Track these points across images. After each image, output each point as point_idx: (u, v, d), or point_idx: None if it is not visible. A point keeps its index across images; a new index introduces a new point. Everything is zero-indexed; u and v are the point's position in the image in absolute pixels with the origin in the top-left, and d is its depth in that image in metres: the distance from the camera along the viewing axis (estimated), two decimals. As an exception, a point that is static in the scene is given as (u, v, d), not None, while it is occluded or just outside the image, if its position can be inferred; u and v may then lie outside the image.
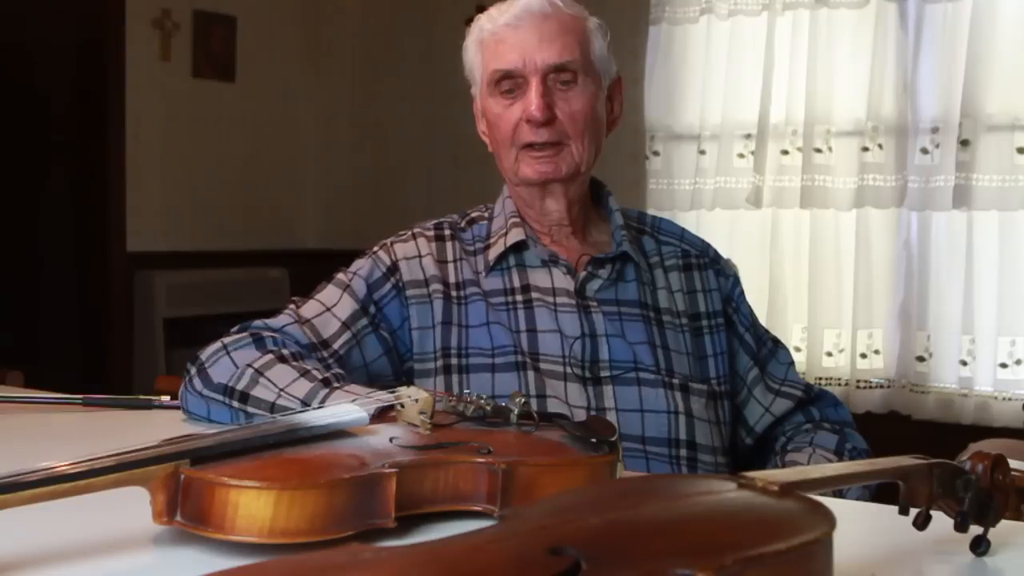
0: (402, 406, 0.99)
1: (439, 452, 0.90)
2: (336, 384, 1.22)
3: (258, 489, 0.78)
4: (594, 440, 0.95)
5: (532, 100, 1.38)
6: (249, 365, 1.27)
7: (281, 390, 1.23)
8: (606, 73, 1.46)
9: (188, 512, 0.79)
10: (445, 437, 0.95)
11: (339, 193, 4.90)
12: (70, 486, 0.75)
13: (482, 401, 1.02)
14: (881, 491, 0.85)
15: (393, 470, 0.83)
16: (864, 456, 1.45)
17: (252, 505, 0.77)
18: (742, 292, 1.54)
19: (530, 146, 1.40)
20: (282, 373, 1.25)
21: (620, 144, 3.70)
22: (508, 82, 1.41)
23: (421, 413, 0.97)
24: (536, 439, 0.98)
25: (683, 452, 1.37)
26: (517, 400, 1.01)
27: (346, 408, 0.96)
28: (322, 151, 4.91)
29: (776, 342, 1.55)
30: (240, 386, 1.25)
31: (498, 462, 0.88)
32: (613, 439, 0.95)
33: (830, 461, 1.40)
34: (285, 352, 1.29)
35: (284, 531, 0.77)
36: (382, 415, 1.05)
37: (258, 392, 1.24)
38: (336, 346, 1.35)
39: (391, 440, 0.92)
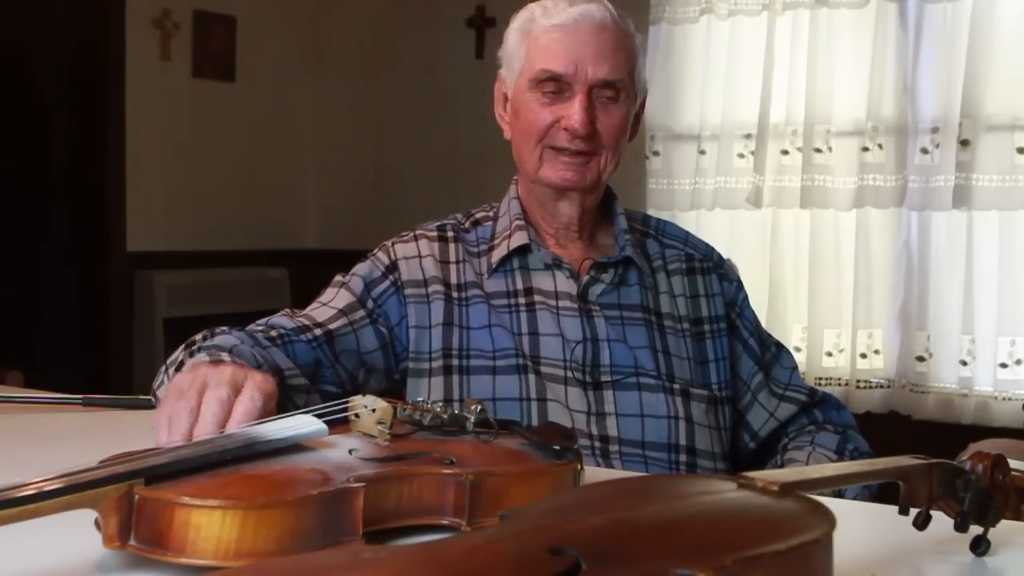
0: (356, 416, 0.96)
1: (403, 464, 0.87)
2: (195, 347, 1.20)
3: (223, 509, 0.74)
4: (557, 448, 0.93)
5: (576, 112, 1.37)
6: (165, 364, 1.26)
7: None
8: (642, 91, 1.48)
9: (143, 535, 0.75)
10: (404, 448, 0.91)
11: (339, 193, 4.90)
12: (18, 511, 0.70)
13: (438, 409, 0.99)
14: (881, 491, 0.85)
15: (360, 484, 0.80)
16: (865, 458, 1.45)
17: (216, 526, 0.73)
18: (746, 297, 1.54)
19: (561, 150, 1.40)
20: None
21: (620, 144, 3.70)
22: (552, 84, 1.38)
23: (379, 423, 0.93)
24: (496, 448, 0.96)
25: (683, 457, 1.37)
26: (472, 408, 0.99)
27: (304, 420, 0.92)
28: (322, 151, 4.91)
29: (779, 346, 1.55)
30: (155, 386, 1.27)
31: (465, 473, 0.86)
32: (576, 446, 0.94)
33: (830, 460, 1.40)
34: (198, 337, 1.26)
35: (251, 552, 0.74)
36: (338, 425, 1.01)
37: (161, 391, 1.23)
38: (331, 327, 1.35)
39: (351, 452, 0.89)
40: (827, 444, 1.44)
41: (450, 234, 1.47)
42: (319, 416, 0.94)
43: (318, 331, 1.33)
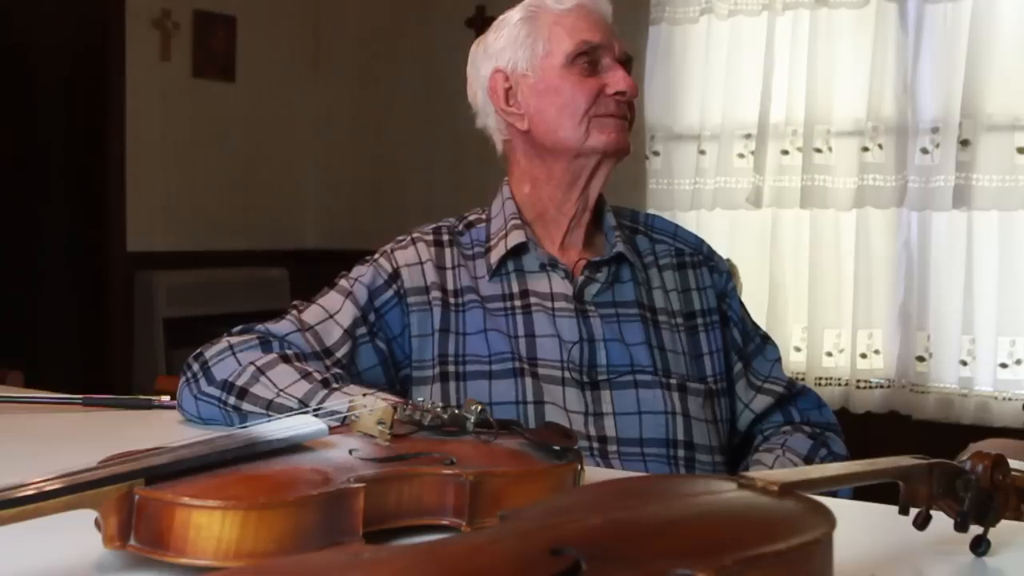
0: (356, 416, 0.96)
1: (403, 464, 0.87)
2: (335, 385, 1.22)
3: (223, 509, 0.74)
4: (558, 448, 0.93)
5: (623, 77, 1.42)
6: (252, 363, 1.27)
7: (280, 390, 1.23)
8: None
9: (143, 535, 0.75)
10: (404, 448, 0.91)
11: (339, 193, 4.90)
12: (19, 511, 0.70)
13: (438, 409, 0.99)
14: (881, 491, 0.85)
15: (361, 485, 0.80)
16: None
17: (216, 526, 0.74)
18: (734, 287, 1.54)
19: (608, 116, 1.42)
20: (284, 373, 1.25)
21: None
22: (586, 57, 1.42)
23: (379, 423, 0.93)
24: (497, 448, 0.96)
25: (681, 452, 1.37)
26: (473, 408, 0.99)
27: (304, 420, 0.92)
28: (322, 151, 4.91)
29: (765, 339, 1.54)
30: (240, 382, 1.26)
31: (465, 473, 0.85)
32: (576, 447, 0.94)
33: (796, 466, 1.39)
34: (289, 353, 1.30)
35: (251, 552, 0.74)
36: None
37: (257, 389, 1.25)
38: (339, 355, 1.35)
39: (351, 453, 0.89)
40: (798, 448, 1.43)
41: (446, 238, 1.47)
42: (319, 416, 0.94)
43: (328, 361, 1.33)
